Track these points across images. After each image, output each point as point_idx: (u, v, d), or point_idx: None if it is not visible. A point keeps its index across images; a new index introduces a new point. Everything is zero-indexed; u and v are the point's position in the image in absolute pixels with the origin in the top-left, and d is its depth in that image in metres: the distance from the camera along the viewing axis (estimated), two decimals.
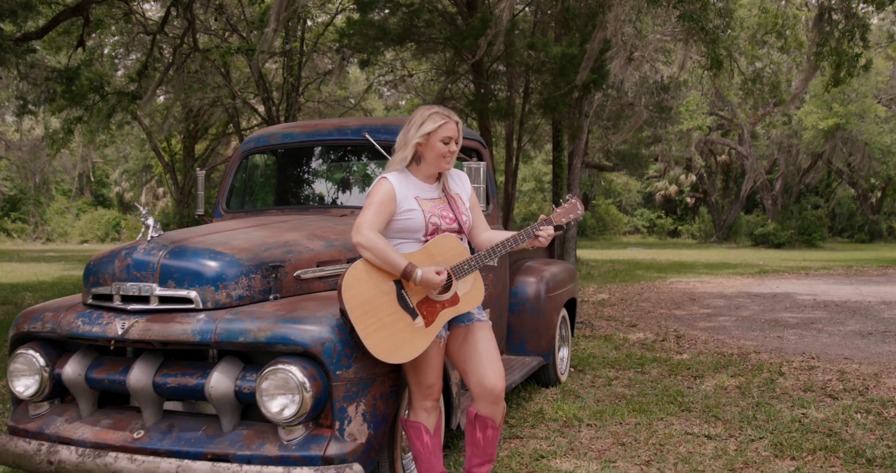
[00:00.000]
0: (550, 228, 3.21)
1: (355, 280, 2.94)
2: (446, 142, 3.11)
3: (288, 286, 3.32)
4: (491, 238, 3.29)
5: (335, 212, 4.25)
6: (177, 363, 3.16)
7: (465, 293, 3.12)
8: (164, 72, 17.69)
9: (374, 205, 3.04)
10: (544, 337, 5.57)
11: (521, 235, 3.18)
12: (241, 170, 4.68)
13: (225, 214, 4.55)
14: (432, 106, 3.19)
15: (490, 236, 3.31)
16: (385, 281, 2.99)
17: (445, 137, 3.11)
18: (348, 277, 2.94)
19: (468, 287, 3.13)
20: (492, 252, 3.12)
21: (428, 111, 3.14)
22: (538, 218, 3.34)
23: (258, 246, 3.32)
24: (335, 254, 3.58)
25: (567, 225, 3.33)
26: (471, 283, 3.14)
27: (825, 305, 11.11)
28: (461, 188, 3.32)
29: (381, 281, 2.99)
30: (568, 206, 3.30)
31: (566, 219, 3.29)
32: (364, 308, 2.92)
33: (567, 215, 3.29)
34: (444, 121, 3.10)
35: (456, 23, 17.55)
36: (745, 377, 6.04)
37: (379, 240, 2.96)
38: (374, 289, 2.96)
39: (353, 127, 4.42)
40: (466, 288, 3.13)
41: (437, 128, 3.09)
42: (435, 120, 3.10)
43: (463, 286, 3.12)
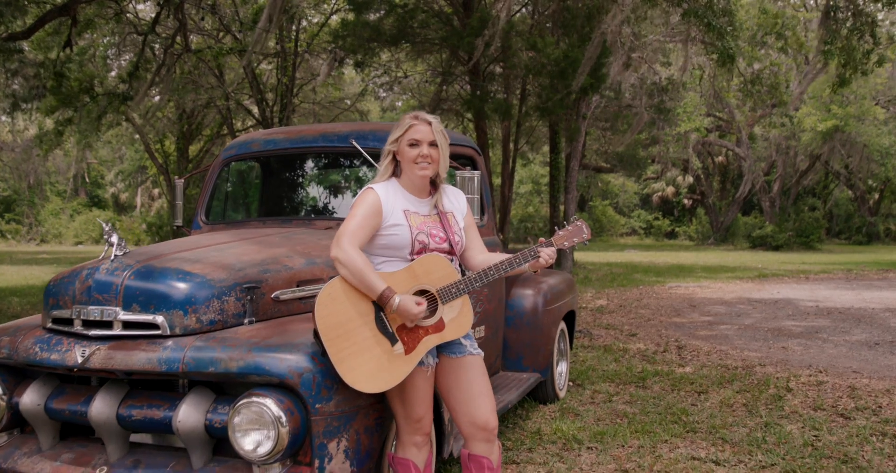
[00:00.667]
0: (552, 250, 2.96)
1: (330, 299, 2.69)
2: (413, 144, 2.88)
3: (265, 308, 3.07)
4: (486, 261, 3.03)
5: (320, 225, 3.99)
6: (143, 393, 2.91)
7: (452, 319, 2.86)
8: (154, 72, 17.40)
9: (358, 217, 2.80)
10: (542, 352, 5.32)
11: (518, 258, 2.92)
12: (221, 179, 4.42)
13: (204, 226, 4.29)
14: (410, 112, 2.98)
15: (485, 259, 3.05)
16: (363, 301, 2.74)
17: (412, 140, 2.88)
18: (322, 296, 2.69)
19: (455, 312, 2.87)
20: (483, 275, 2.87)
21: (403, 118, 2.95)
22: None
23: (232, 264, 3.06)
24: (317, 273, 3.32)
25: (570, 249, 3.08)
26: (458, 309, 2.88)
27: (828, 312, 10.87)
28: (455, 206, 3.07)
29: (359, 301, 2.74)
30: (572, 229, 3.05)
31: (569, 243, 3.03)
32: (338, 330, 2.67)
33: (571, 238, 3.04)
34: (412, 123, 2.89)
35: (452, 23, 17.30)
36: (752, 393, 5.79)
37: (357, 258, 2.71)
38: (350, 310, 2.71)
39: (339, 133, 4.16)
40: (453, 314, 2.87)
41: (404, 132, 2.89)
42: (403, 124, 2.91)
43: (450, 311, 2.86)
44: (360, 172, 4.35)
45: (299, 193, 4.51)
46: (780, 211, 36.22)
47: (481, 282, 2.87)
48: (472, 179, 3.87)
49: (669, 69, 22.99)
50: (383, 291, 2.70)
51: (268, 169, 4.65)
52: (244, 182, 4.74)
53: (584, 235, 3.03)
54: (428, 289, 2.83)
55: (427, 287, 2.83)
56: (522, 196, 41.24)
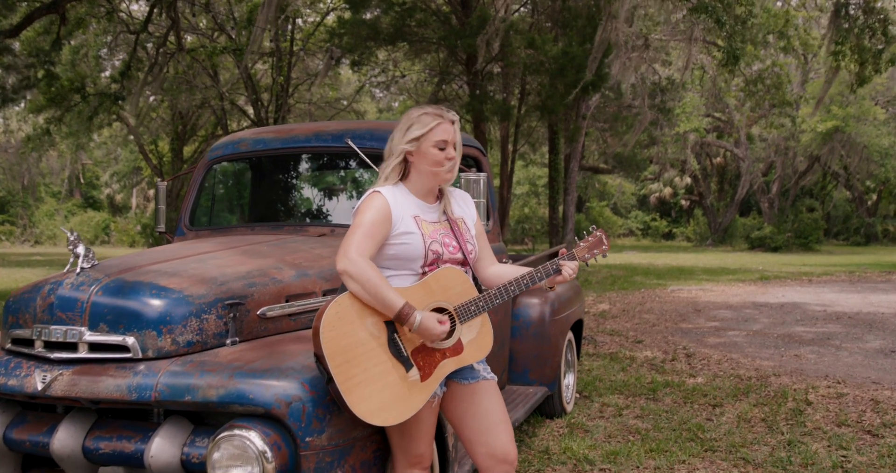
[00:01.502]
0: (574, 264, 2.66)
1: (338, 319, 2.36)
2: (441, 147, 2.55)
3: (250, 327, 2.75)
4: (500, 273, 2.72)
5: (313, 231, 3.67)
6: (112, 423, 2.59)
7: (470, 340, 2.55)
8: (146, 72, 17.06)
9: (366, 225, 2.46)
10: (549, 364, 5.01)
11: (540, 272, 2.62)
12: (207, 182, 4.10)
13: (188, 232, 3.97)
14: (424, 106, 2.61)
15: (498, 271, 2.74)
16: (375, 321, 2.42)
17: (439, 141, 2.54)
18: (329, 315, 2.35)
19: (474, 333, 2.56)
20: (504, 291, 2.56)
21: (417, 112, 2.58)
22: (558, 252, 2.77)
23: (214, 278, 2.75)
24: (308, 286, 3.01)
25: (588, 262, 2.77)
26: (477, 329, 2.57)
27: (838, 317, 10.58)
28: (466, 211, 2.75)
29: (370, 321, 2.41)
30: (593, 240, 2.75)
31: (590, 255, 2.73)
32: (347, 354, 2.35)
33: (591, 250, 2.74)
34: (437, 121, 2.54)
35: (450, 22, 17.00)
36: (770, 406, 5.49)
37: (371, 271, 2.38)
38: (361, 332, 2.38)
39: (333, 132, 3.85)
40: (472, 335, 2.56)
41: (428, 132, 2.53)
42: (424, 122, 2.54)
43: (468, 332, 2.55)
44: (357, 174, 4.04)
45: (291, 197, 4.20)
46: (779, 212, 35.98)
47: (502, 299, 2.56)
48: (478, 182, 3.57)
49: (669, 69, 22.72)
50: (402, 307, 2.38)
51: (257, 170, 4.34)
52: (232, 185, 4.42)
53: (604, 246, 2.74)
54: (445, 307, 2.52)
55: (444, 304, 2.52)
56: (520, 197, 40.96)
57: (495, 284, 2.66)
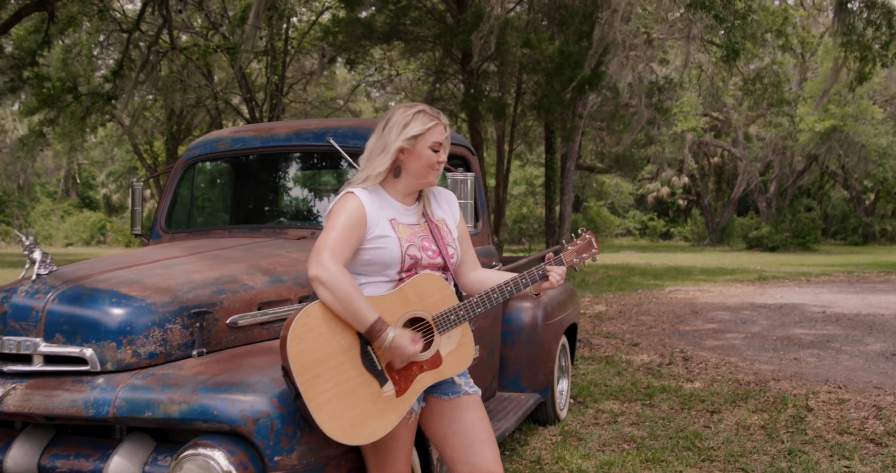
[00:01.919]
0: (562, 270, 2.50)
1: (306, 331, 2.20)
2: (435, 149, 2.42)
3: (218, 337, 2.59)
4: (482, 279, 2.57)
5: (293, 234, 3.51)
6: (70, 440, 2.43)
7: (450, 352, 2.39)
8: (138, 71, 16.88)
9: (339, 228, 2.30)
10: (542, 370, 4.86)
11: (525, 278, 2.46)
12: (184, 182, 3.94)
13: (164, 235, 3.81)
14: (415, 104, 2.46)
15: (481, 277, 2.58)
16: (347, 332, 2.25)
17: (434, 143, 2.41)
18: (297, 326, 2.19)
19: (453, 344, 2.40)
20: (487, 299, 2.41)
21: (411, 110, 2.43)
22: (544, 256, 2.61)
23: (180, 285, 2.58)
24: (283, 292, 2.84)
25: (577, 267, 2.61)
26: (457, 340, 2.41)
27: (837, 319, 10.44)
28: (447, 212, 2.59)
29: (342, 332, 2.24)
30: (582, 243, 2.59)
31: (579, 260, 2.58)
32: (316, 368, 2.18)
33: (580, 254, 2.58)
34: (434, 122, 2.41)
35: (445, 21, 16.85)
36: (769, 413, 5.33)
37: (344, 279, 2.22)
38: (331, 344, 2.22)
39: (315, 130, 3.69)
40: (451, 346, 2.39)
41: (426, 132, 2.40)
42: (422, 121, 2.40)
43: (447, 343, 2.39)
44: (340, 174, 3.88)
45: (271, 198, 4.03)
46: (777, 212, 35.86)
47: (484, 308, 2.40)
48: (465, 182, 3.41)
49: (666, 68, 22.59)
50: (373, 323, 2.22)
51: (236, 170, 4.17)
52: (210, 185, 4.25)
53: (594, 250, 2.58)
54: (422, 317, 2.36)
55: (421, 314, 2.36)
56: (517, 197, 40.82)
57: (477, 290, 2.51)
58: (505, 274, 2.55)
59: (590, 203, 44.95)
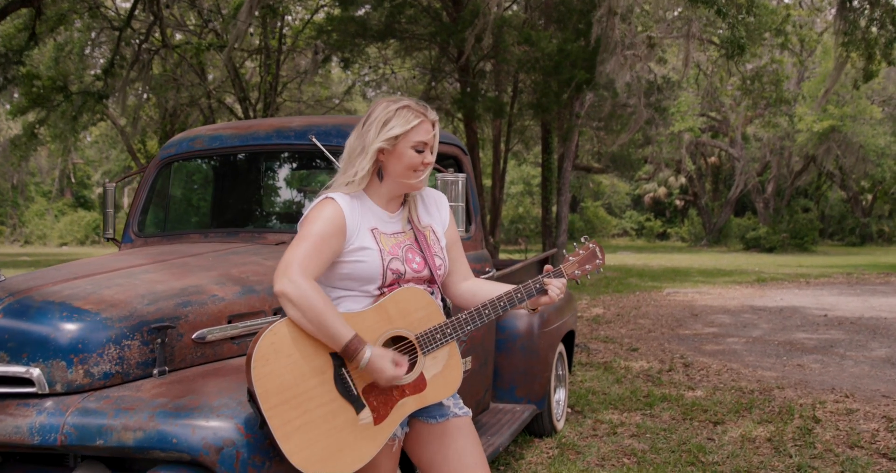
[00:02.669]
0: (562, 282, 2.28)
1: (273, 351, 1.97)
2: (419, 149, 2.16)
3: (182, 354, 2.36)
4: (474, 291, 2.34)
5: (271, 238, 3.28)
6: (19, 468, 2.20)
7: (435, 375, 2.16)
8: (128, 69, 16.63)
9: (313, 238, 2.06)
10: (538, 380, 4.63)
11: (521, 291, 2.24)
12: (158, 183, 3.71)
13: (136, 239, 3.58)
14: (399, 98, 2.21)
15: (473, 288, 2.35)
16: (319, 353, 2.02)
17: (418, 143, 2.16)
18: (263, 347, 1.96)
19: (439, 366, 2.17)
20: (477, 316, 2.18)
21: (393, 105, 2.17)
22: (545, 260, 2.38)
23: (140, 296, 2.36)
24: (256, 304, 2.61)
25: (578, 280, 2.38)
26: (443, 361, 2.18)
27: (839, 322, 10.23)
28: (435, 217, 2.35)
29: (314, 353, 2.02)
30: (585, 254, 2.37)
31: (581, 271, 2.35)
32: (284, 394, 1.96)
33: (582, 265, 2.36)
34: (419, 119, 2.16)
35: (441, 19, 16.61)
36: (775, 424, 5.11)
37: (313, 294, 1.98)
38: (301, 366, 1.99)
39: (297, 128, 3.46)
40: (436, 369, 2.16)
41: (409, 130, 2.14)
42: (405, 118, 2.14)
43: (432, 365, 2.16)
44: (323, 175, 3.65)
45: (250, 200, 3.80)
46: (774, 212, 35.71)
47: (473, 326, 2.17)
48: (455, 183, 3.18)
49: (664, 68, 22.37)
50: (349, 341, 1.99)
51: (213, 171, 3.94)
52: (187, 186, 4.02)
53: (598, 261, 2.36)
54: (404, 336, 2.14)
55: (403, 332, 2.13)
56: (513, 197, 40.62)
57: (468, 303, 2.28)
58: (498, 285, 2.32)
59: (586, 203, 44.78)
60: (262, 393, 1.94)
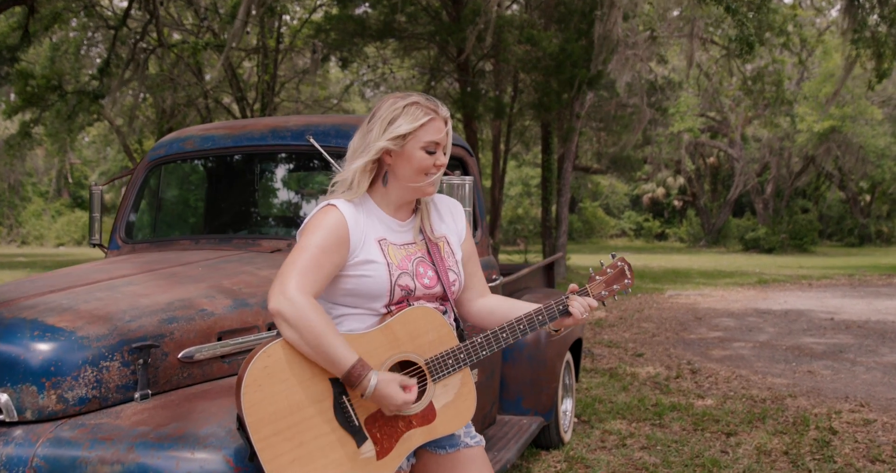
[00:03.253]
0: (587, 302, 2.08)
1: (266, 375, 1.77)
2: (431, 150, 1.94)
3: (167, 375, 2.16)
4: (491, 309, 2.14)
5: (266, 245, 3.08)
6: None
7: (446, 405, 1.96)
8: (123, 68, 16.41)
9: (313, 249, 1.86)
10: (545, 391, 4.44)
11: (542, 313, 2.04)
12: (147, 186, 3.51)
13: (123, 246, 3.38)
14: (408, 94, 1.99)
15: (489, 306, 2.15)
16: (317, 379, 1.82)
17: (429, 143, 1.93)
18: (255, 370, 1.76)
19: (450, 395, 1.96)
20: (494, 340, 1.98)
21: (401, 102, 1.95)
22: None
23: (122, 312, 2.16)
24: (248, 318, 2.42)
25: (605, 301, 2.18)
26: (455, 390, 1.97)
27: (847, 326, 10.05)
28: (450, 226, 2.14)
29: (311, 379, 1.82)
30: (613, 273, 2.16)
31: (608, 292, 2.15)
32: (277, 423, 1.76)
33: (610, 285, 2.15)
34: (429, 116, 1.94)
35: (441, 18, 16.43)
36: (790, 436, 4.92)
37: (312, 313, 1.78)
38: (297, 393, 1.79)
39: (293, 128, 3.26)
40: (447, 398, 1.96)
41: (418, 128, 1.92)
42: (413, 115, 1.92)
43: (443, 393, 1.95)
44: (321, 177, 3.45)
45: (244, 204, 3.60)
46: (773, 213, 35.57)
47: (490, 351, 1.98)
48: (462, 186, 2.99)
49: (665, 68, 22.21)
50: (352, 366, 1.78)
51: (205, 173, 3.74)
52: (177, 189, 3.82)
53: (626, 281, 2.15)
54: (413, 361, 1.93)
55: (412, 356, 1.93)
56: (512, 198, 40.45)
57: (484, 323, 2.08)
58: (517, 303, 2.12)
59: (585, 203, 44.66)
60: (253, 422, 1.74)
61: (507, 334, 1.98)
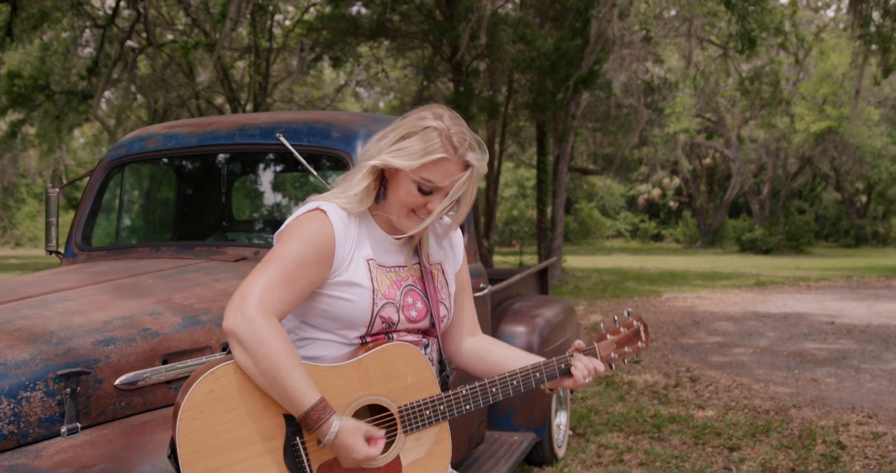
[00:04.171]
0: (593, 364, 1.82)
1: (211, 401, 1.50)
2: (426, 190, 1.65)
3: (100, 405, 1.90)
4: (481, 354, 1.88)
5: (231, 253, 2.82)
6: None
7: (415, 462, 1.68)
8: (111, 67, 16.14)
9: (285, 263, 1.58)
10: (538, 406, 4.19)
11: (541, 370, 1.78)
12: (106, 189, 3.25)
13: (78, 253, 3.11)
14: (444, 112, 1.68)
15: (479, 350, 1.89)
16: (270, 411, 1.55)
17: (425, 180, 1.64)
18: (198, 393, 1.49)
19: (422, 450, 1.68)
20: (481, 394, 1.72)
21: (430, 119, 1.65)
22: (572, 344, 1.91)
23: (49, 333, 1.89)
24: (199, 338, 2.15)
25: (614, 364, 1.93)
26: (429, 445, 1.70)
27: (848, 331, 9.81)
28: (448, 255, 1.87)
29: (263, 410, 1.55)
30: (627, 333, 1.91)
31: (618, 354, 1.90)
32: (215, 459, 1.49)
33: (622, 347, 1.90)
34: (440, 155, 1.62)
35: (434, 16, 16.18)
36: (796, 450, 4.67)
37: (273, 340, 1.50)
38: (244, 426, 1.52)
39: (262, 126, 3.00)
40: (418, 454, 1.68)
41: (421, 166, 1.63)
42: (425, 145, 1.62)
43: (414, 447, 1.68)
44: (292, 179, 3.20)
45: (208, 209, 3.34)
46: (770, 214, 35.41)
47: (475, 406, 1.71)
48: None
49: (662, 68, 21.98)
50: (312, 407, 1.50)
51: (168, 174, 3.48)
52: (137, 193, 3.55)
53: (640, 344, 1.89)
54: (383, 406, 1.66)
55: (383, 401, 1.65)
56: (507, 199, 40.21)
57: (471, 367, 1.83)
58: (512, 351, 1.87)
59: (580, 204, 44.47)
60: (186, 454, 1.47)
61: (496, 389, 1.73)
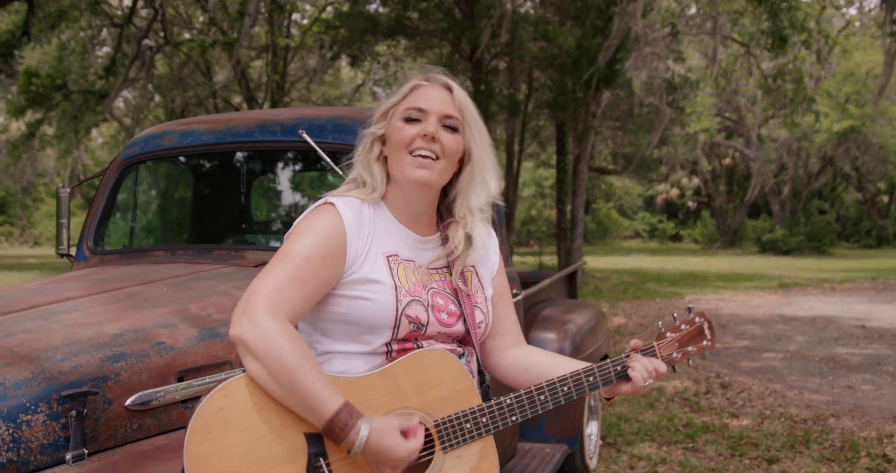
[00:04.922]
0: (653, 365, 1.62)
1: (220, 421, 1.34)
2: (412, 117, 1.53)
3: (110, 428, 1.72)
4: (527, 365, 1.68)
5: (251, 258, 2.65)
6: None
7: None
8: (128, 66, 16.07)
9: (294, 261, 1.44)
10: (570, 416, 4.00)
11: (594, 374, 1.59)
12: (120, 189, 3.09)
13: (90, 256, 2.95)
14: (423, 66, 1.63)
15: (525, 360, 1.69)
16: (289, 431, 1.38)
17: (410, 109, 1.54)
18: (207, 413, 1.33)
19: (465, 469, 1.51)
20: (528, 404, 1.54)
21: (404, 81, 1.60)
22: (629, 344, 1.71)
23: (53, 348, 1.72)
24: (218, 352, 1.98)
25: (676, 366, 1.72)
26: (472, 463, 1.52)
27: (880, 335, 9.54)
28: (482, 257, 1.68)
29: (280, 428, 1.37)
30: (689, 330, 1.70)
31: (680, 354, 1.69)
32: None
33: (684, 346, 1.69)
34: (413, 83, 1.57)
35: (453, 14, 16.00)
36: (840, 464, 4.46)
37: (286, 342, 1.34)
38: (260, 447, 1.35)
39: (284, 122, 2.82)
40: (462, 471, 1.52)
41: (401, 100, 1.55)
42: (403, 86, 1.58)
43: (454, 466, 1.50)
44: (316, 178, 3.02)
45: (227, 210, 3.17)
46: (790, 214, 34.98)
47: (522, 417, 1.54)
48: None
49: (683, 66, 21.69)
50: (336, 412, 1.34)
51: (185, 173, 3.32)
52: (154, 193, 3.39)
53: (706, 343, 1.69)
54: (418, 418, 1.48)
55: (417, 414, 1.48)
56: (525, 199, 39.98)
57: (516, 380, 1.65)
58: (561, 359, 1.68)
59: (598, 204, 44.17)
60: None
61: (545, 396, 1.54)
